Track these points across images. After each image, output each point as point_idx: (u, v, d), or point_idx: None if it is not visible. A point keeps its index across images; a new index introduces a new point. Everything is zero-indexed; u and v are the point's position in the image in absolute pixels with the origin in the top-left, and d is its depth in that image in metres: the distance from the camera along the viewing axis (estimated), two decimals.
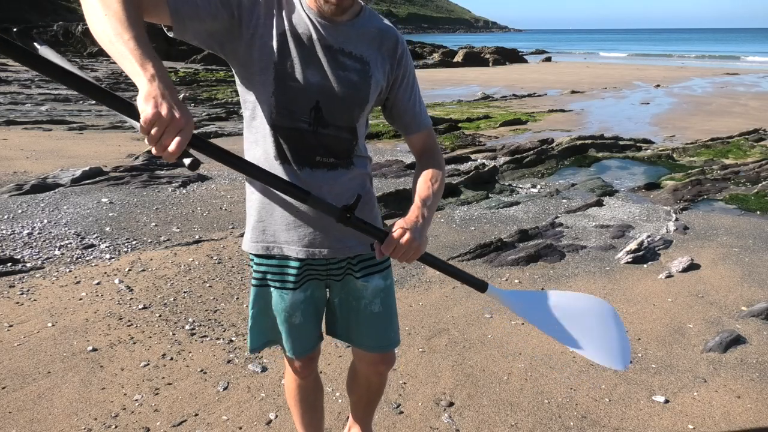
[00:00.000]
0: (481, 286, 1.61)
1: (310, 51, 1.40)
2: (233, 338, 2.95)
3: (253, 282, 1.63)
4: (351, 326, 1.70)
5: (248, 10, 1.36)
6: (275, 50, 1.38)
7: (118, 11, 1.11)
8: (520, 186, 6.43)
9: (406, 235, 1.37)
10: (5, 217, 4.70)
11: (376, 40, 1.48)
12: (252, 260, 1.62)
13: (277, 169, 1.47)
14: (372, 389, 1.91)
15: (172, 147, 1.04)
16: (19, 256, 3.91)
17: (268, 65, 1.39)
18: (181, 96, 13.35)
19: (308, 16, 1.40)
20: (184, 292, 3.47)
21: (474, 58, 31.74)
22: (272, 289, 1.60)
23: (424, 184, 1.52)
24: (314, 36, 1.40)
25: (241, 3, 1.35)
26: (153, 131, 1.04)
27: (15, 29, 1.49)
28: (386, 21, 1.53)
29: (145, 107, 1.03)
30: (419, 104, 1.59)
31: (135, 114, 1.08)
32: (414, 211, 1.44)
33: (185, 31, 1.29)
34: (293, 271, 1.58)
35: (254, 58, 1.39)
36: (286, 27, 1.39)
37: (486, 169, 6.57)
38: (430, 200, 1.48)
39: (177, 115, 1.05)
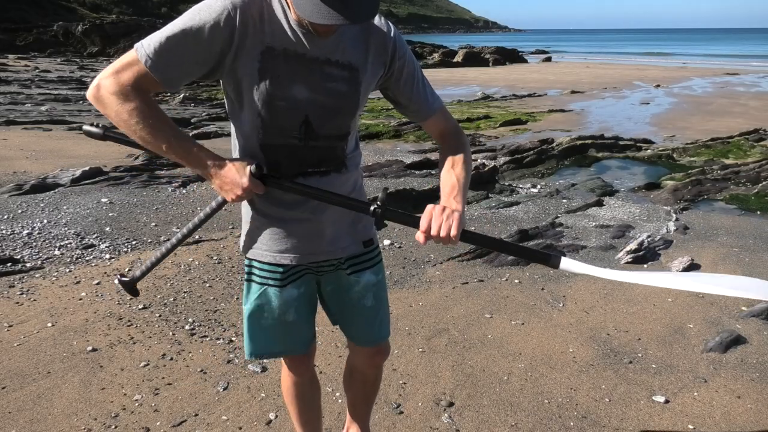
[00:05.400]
0: (550, 260, 1.37)
1: (294, 66, 1.35)
2: (233, 338, 2.95)
3: (246, 278, 1.62)
4: (345, 320, 1.71)
5: (226, 41, 1.30)
6: (258, 71, 1.33)
7: (141, 126, 1.31)
8: (520, 186, 6.42)
9: (438, 206, 1.34)
10: (5, 217, 4.70)
11: (364, 41, 1.42)
12: (245, 258, 1.62)
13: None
14: (368, 383, 1.92)
15: (259, 190, 1.38)
16: (19, 256, 3.91)
17: (251, 87, 1.35)
18: (181, 96, 13.36)
19: (291, 28, 1.33)
20: (184, 292, 3.47)
21: (474, 58, 31.75)
22: (264, 286, 1.58)
23: (447, 175, 1.48)
24: (299, 50, 1.34)
25: (221, 37, 1.30)
26: (243, 197, 1.37)
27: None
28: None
29: (227, 198, 1.38)
30: (424, 90, 1.53)
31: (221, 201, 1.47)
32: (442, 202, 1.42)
33: (178, 87, 1.40)
34: (285, 269, 1.57)
35: (238, 80, 1.36)
36: (269, 44, 1.32)
37: (486, 169, 6.57)
38: (456, 190, 1.44)
39: (242, 192, 1.35)
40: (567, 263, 1.37)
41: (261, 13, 1.32)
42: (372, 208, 1.37)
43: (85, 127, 1.56)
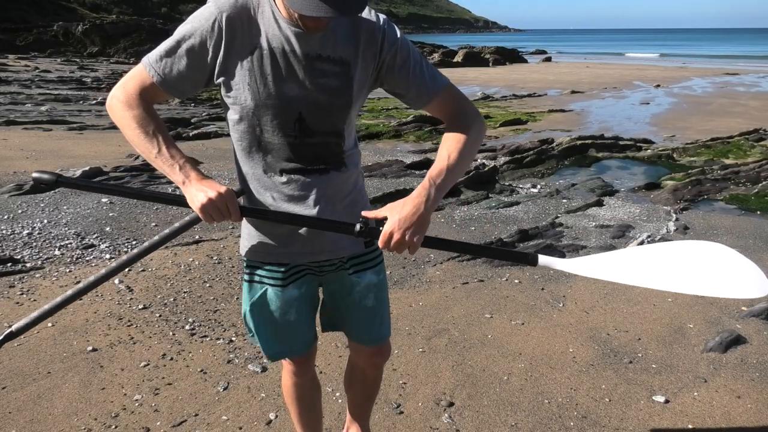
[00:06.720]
0: (528, 258, 1.44)
1: (285, 64, 1.37)
2: (233, 338, 2.95)
3: (246, 278, 1.62)
4: (346, 320, 1.72)
5: (216, 45, 1.35)
6: (248, 71, 1.36)
7: (138, 133, 1.38)
8: (520, 186, 6.42)
9: (395, 237, 1.33)
10: (5, 217, 4.70)
11: (354, 35, 1.42)
12: (245, 260, 1.62)
13: (266, 182, 1.46)
14: (369, 383, 1.92)
15: (233, 215, 1.36)
16: (19, 256, 3.91)
17: (243, 87, 1.37)
18: None
19: (281, 26, 1.35)
20: (184, 292, 3.47)
21: (474, 58, 31.76)
22: (265, 286, 1.59)
23: (440, 155, 1.43)
24: (287, 48, 1.36)
25: (211, 42, 1.35)
26: (214, 217, 1.35)
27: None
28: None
29: (195, 208, 1.35)
30: (422, 74, 1.47)
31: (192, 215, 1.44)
32: (415, 197, 1.36)
33: (185, 95, 1.48)
34: (287, 268, 1.57)
35: (230, 82, 1.38)
36: (258, 44, 1.35)
37: (486, 169, 6.58)
38: (442, 176, 1.39)
39: (213, 196, 1.33)
40: (545, 260, 1.45)
41: (249, 14, 1.36)
42: (357, 229, 1.37)
43: (35, 175, 1.44)
